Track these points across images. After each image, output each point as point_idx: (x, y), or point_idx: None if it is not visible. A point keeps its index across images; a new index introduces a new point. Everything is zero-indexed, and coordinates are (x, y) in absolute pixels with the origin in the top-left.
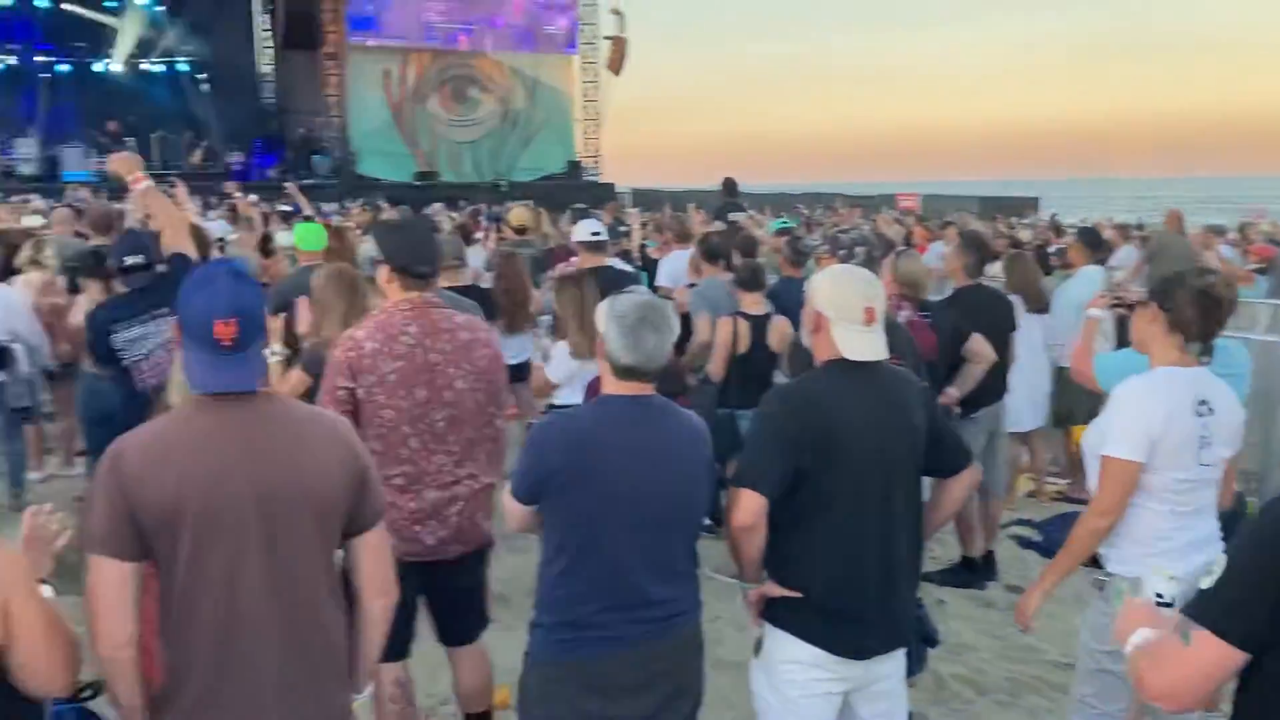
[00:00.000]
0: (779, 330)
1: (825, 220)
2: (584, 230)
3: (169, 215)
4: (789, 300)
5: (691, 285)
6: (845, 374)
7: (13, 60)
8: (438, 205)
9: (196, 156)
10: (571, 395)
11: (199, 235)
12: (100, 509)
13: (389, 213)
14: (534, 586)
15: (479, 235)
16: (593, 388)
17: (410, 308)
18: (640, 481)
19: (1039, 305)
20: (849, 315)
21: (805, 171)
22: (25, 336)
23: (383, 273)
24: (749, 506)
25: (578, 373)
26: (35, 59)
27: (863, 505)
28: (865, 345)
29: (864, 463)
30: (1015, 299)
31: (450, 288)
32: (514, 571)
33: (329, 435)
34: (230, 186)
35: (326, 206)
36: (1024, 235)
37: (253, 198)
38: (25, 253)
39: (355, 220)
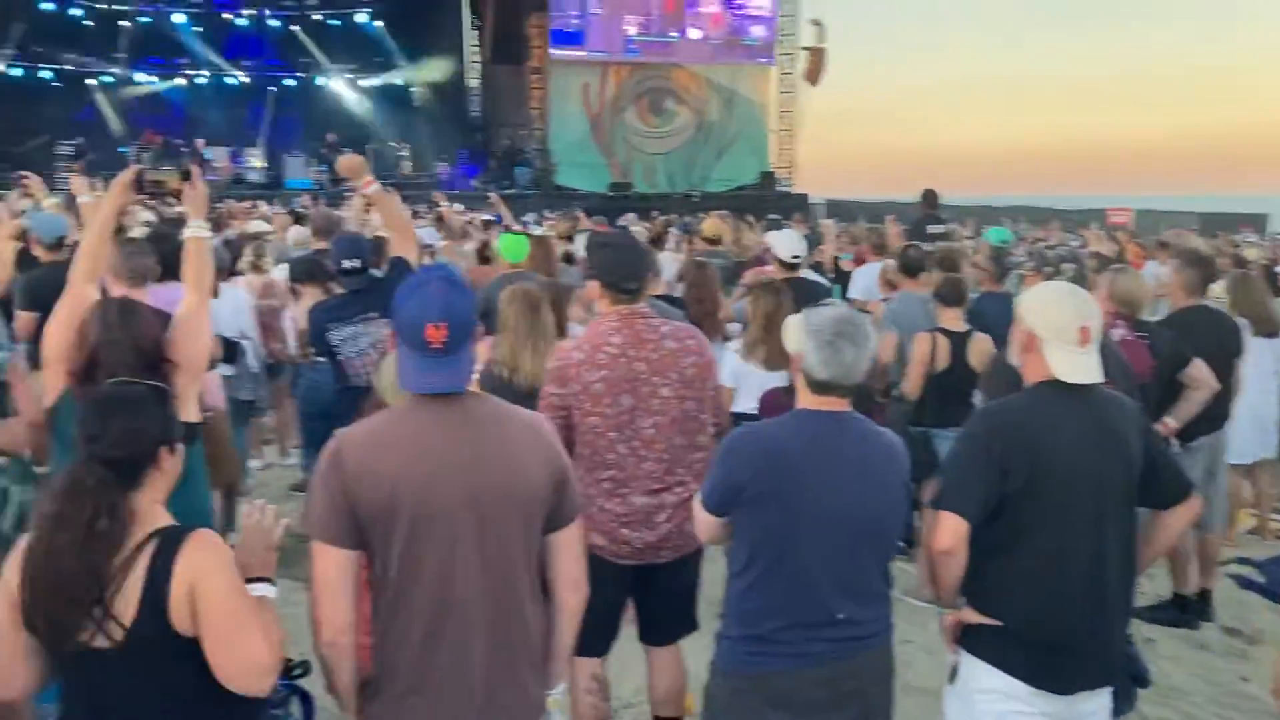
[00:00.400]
0: (979, 348)
1: (1028, 235)
2: (784, 248)
3: (395, 218)
4: (990, 317)
5: (886, 300)
6: (1057, 396)
7: (246, 78)
8: (630, 215)
9: (406, 167)
10: (747, 402)
11: None
12: (322, 500)
13: (585, 223)
14: (717, 595)
15: (670, 245)
16: (767, 398)
17: (617, 319)
18: (834, 498)
19: (1268, 329)
20: (1063, 335)
21: (1007, 184)
22: (252, 334)
23: (593, 288)
24: (950, 530)
25: (745, 376)
26: (265, 74)
27: (1071, 534)
28: (1079, 367)
29: (1073, 489)
30: (1241, 322)
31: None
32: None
33: (532, 435)
34: (438, 196)
35: (526, 216)
36: (1250, 254)
37: (458, 207)
38: (246, 257)
39: (556, 230)
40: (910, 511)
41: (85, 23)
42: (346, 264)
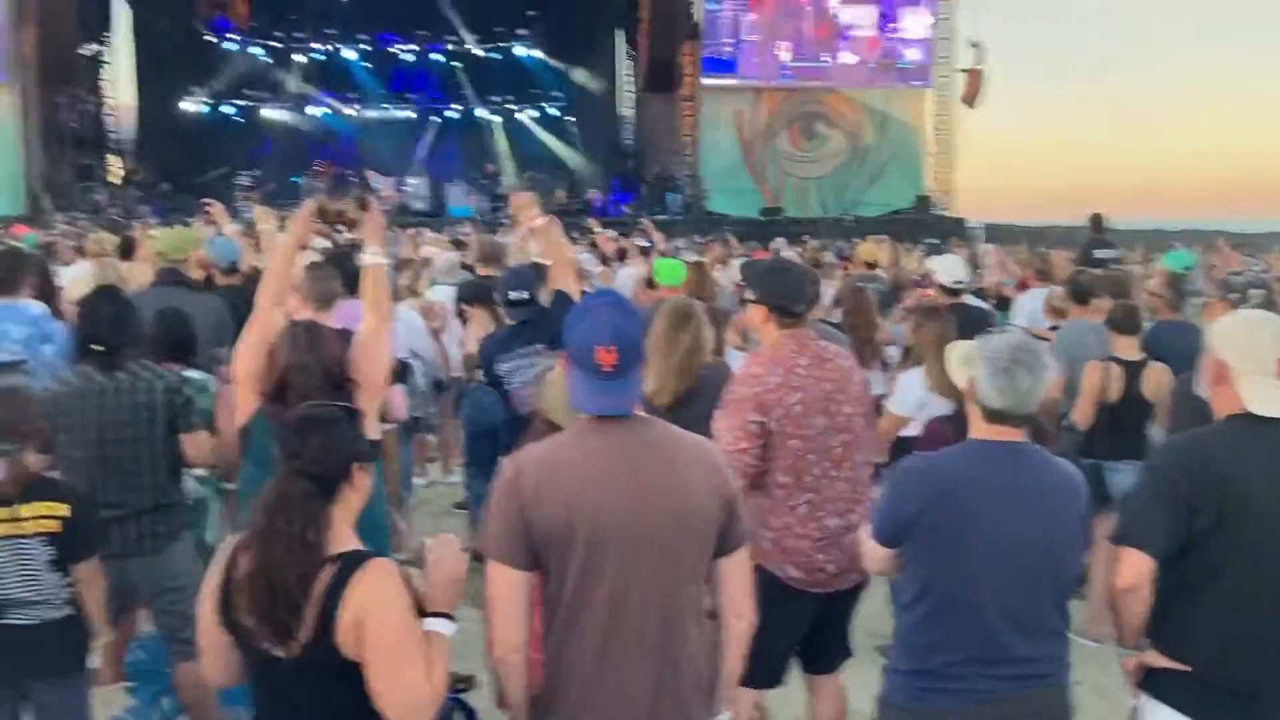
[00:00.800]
0: (1155, 378)
1: (1205, 260)
2: (945, 273)
3: (558, 253)
4: (1166, 346)
5: (1054, 328)
6: (1250, 430)
7: (410, 112)
8: (780, 240)
9: (561, 194)
10: (915, 428)
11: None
12: (498, 521)
13: (736, 247)
14: (876, 628)
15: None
16: (932, 428)
17: (795, 342)
18: (1010, 531)
19: None
20: (1259, 366)
21: (1180, 207)
22: (423, 353)
23: (758, 313)
24: (1134, 567)
25: (926, 403)
26: (427, 106)
27: (1265, 575)
28: (1276, 399)
29: (1269, 528)
30: None
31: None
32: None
33: (702, 460)
34: (592, 223)
35: (678, 241)
36: None
37: (611, 233)
38: (403, 280)
39: (710, 256)
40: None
41: (264, 60)
42: (514, 295)
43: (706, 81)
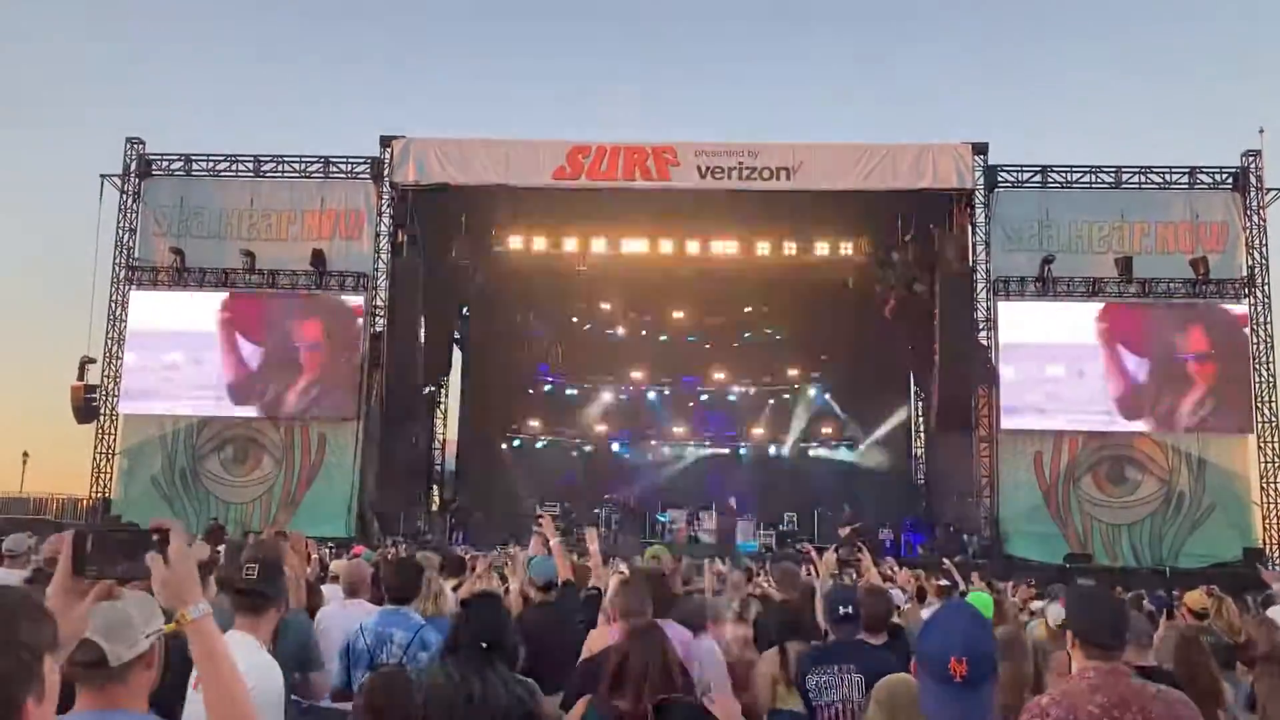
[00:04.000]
0: None
1: None
2: None
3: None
4: None
5: None
6: None
7: (706, 448)
8: (1086, 582)
9: (845, 531)
10: None
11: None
12: None
13: (1039, 595)
14: None
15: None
16: None
17: (1096, 675)
18: None
19: None
20: None
21: None
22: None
23: (1069, 639)
24: None
25: None
26: (722, 443)
27: None
28: None
29: None
30: None
31: (1135, 666)
32: None
33: None
34: (889, 561)
35: (975, 583)
36: None
37: (908, 572)
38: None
39: (1021, 597)
40: None
41: (573, 400)
42: (842, 611)
43: (1006, 424)
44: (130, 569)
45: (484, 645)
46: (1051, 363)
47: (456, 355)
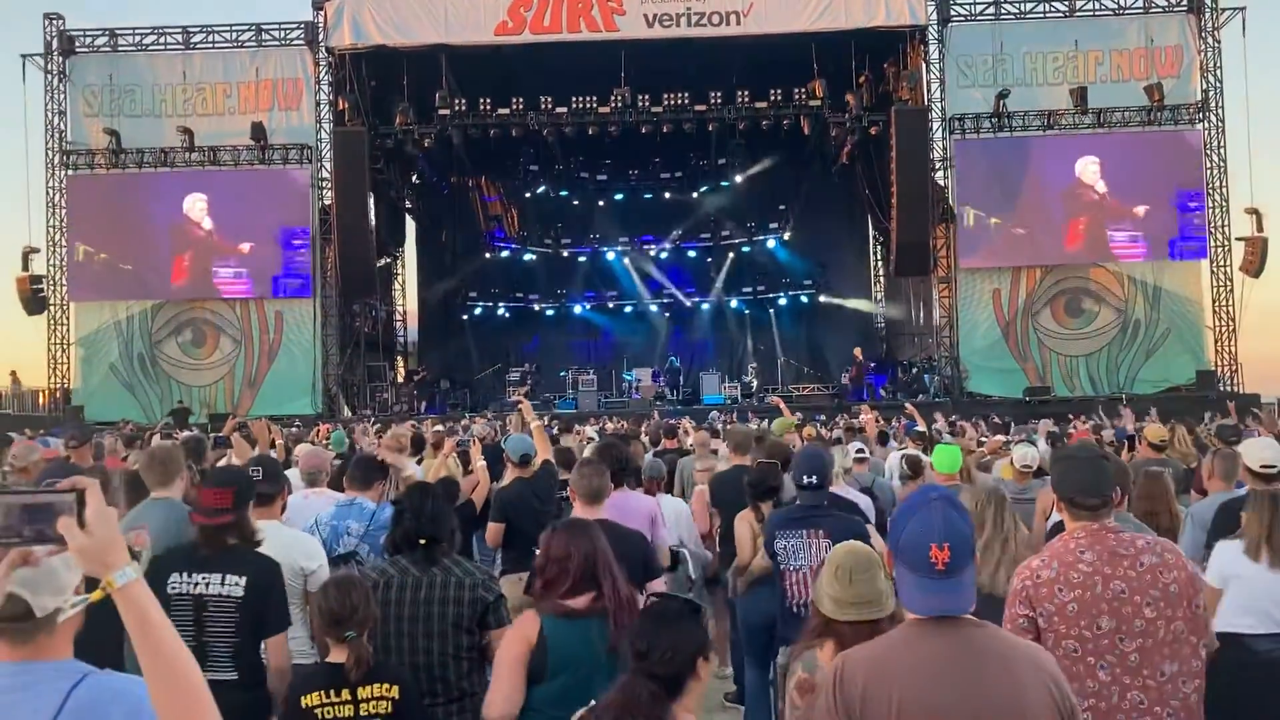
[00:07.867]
0: None
1: None
2: (1253, 457)
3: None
4: None
5: None
6: None
7: (666, 303)
8: (1045, 421)
9: (810, 377)
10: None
11: None
12: (822, 716)
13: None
14: None
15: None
16: None
17: (1085, 535)
18: None
19: None
20: None
21: None
22: (689, 544)
23: (1057, 501)
24: None
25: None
26: (682, 299)
27: None
28: None
29: None
30: None
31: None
32: None
33: (1035, 668)
34: (863, 407)
35: (936, 424)
36: None
37: (875, 414)
38: (698, 466)
39: (989, 447)
40: None
41: (533, 264)
42: (806, 480)
43: (964, 263)
44: (39, 534)
45: (421, 542)
46: (1009, 198)
47: (410, 225)
